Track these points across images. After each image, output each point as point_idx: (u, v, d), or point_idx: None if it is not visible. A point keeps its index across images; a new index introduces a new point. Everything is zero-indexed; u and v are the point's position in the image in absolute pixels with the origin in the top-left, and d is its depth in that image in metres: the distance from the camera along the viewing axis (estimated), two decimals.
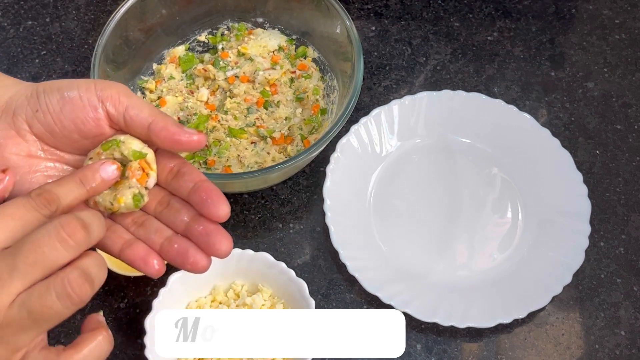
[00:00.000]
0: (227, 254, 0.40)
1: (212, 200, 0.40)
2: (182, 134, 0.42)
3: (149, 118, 0.42)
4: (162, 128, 0.42)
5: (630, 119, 0.71)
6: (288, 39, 0.72)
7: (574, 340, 0.59)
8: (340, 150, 0.64)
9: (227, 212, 0.40)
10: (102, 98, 0.42)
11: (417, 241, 0.64)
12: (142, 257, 0.41)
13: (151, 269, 0.40)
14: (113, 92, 0.42)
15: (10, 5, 0.79)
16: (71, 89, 0.42)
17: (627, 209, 0.66)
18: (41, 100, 0.42)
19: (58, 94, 0.42)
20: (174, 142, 0.42)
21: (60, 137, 0.43)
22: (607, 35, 0.77)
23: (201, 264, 0.40)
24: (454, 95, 0.68)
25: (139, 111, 0.42)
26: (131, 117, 0.42)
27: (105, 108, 0.42)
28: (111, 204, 0.43)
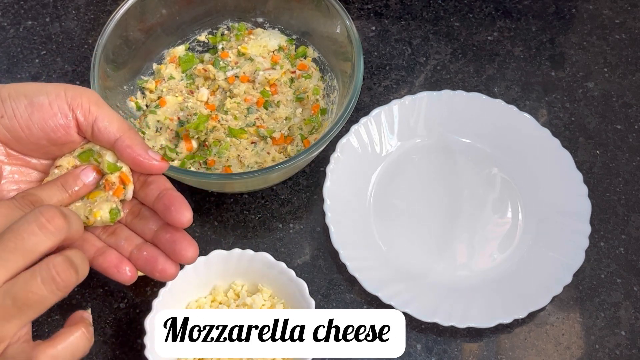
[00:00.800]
0: (193, 260, 0.41)
1: (175, 207, 0.41)
2: (145, 157, 0.42)
3: (116, 133, 0.42)
4: (127, 147, 0.42)
5: (630, 119, 0.71)
6: (288, 39, 0.72)
7: (574, 341, 0.59)
8: (340, 150, 0.64)
9: (190, 218, 0.41)
10: (73, 106, 0.41)
11: (417, 241, 0.64)
12: (115, 264, 0.41)
13: (123, 276, 0.41)
14: (84, 101, 0.42)
15: (10, 5, 0.79)
16: (40, 95, 0.41)
17: (627, 209, 0.66)
18: (7, 105, 0.41)
19: (26, 100, 0.41)
20: (136, 163, 0.42)
21: (27, 143, 0.42)
22: (607, 35, 0.77)
23: (169, 271, 0.41)
24: (454, 95, 0.68)
25: (108, 125, 0.42)
26: (99, 129, 0.42)
27: (75, 116, 0.42)
28: (87, 217, 0.42)
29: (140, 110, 0.67)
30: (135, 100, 0.67)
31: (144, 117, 0.66)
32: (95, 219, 0.42)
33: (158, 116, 0.66)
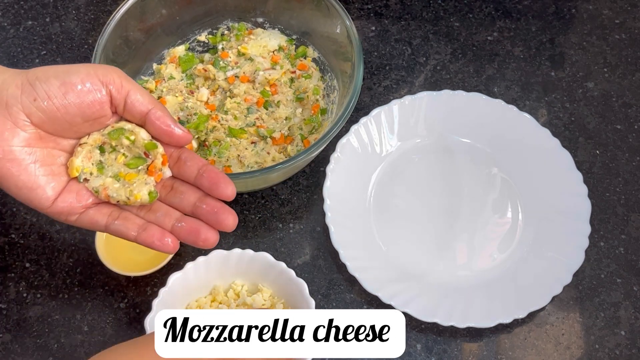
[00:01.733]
0: (234, 226, 0.45)
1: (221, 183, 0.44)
2: (176, 127, 0.45)
3: (148, 105, 0.44)
4: (159, 117, 0.44)
5: (630, 119, 0.71)
6: (288, 39, 0.72)
7: (574, 340, 0.59)
8: (340, 150, 0.64)
9: (234, 191, 0.44)
10: (105, 82, 0.43)
11: (417, 241, 0.64)
12: (158, 237, 0.44)
13: (167, 247, 0.44)
14: (115, 77, 0.43)
15: (10, 5, 0.79)
16: (71, 75, 0.42)
17: (627, 209, 0.66)
18: (38, 88, 0.42)
19: (57, 81, 0.42)
20: (166, 134, 0.45)
21: (62, 122, 0.43)
22: (607, 35, 0.77)
23: (212, 239, 0.44)
24: (454, 95, 0.68)
25: (141, 97, 0.44)
26: (132, 102, 0.44)
27: (109, 91, 0.43)
28: (127, 198, 0.45)
29: None
30: None
31: None
32: (136, 200, 0.45)
33: None
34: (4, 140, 0.42)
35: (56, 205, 0.44)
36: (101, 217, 0.45)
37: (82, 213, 0.45)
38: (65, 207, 0.44)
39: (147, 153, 0.46)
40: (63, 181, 0.45)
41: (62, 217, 0.45)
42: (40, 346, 0.59)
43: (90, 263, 0.62)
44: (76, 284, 0.61)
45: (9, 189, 0.43)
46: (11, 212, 0.65)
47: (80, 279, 0.62)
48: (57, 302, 0.60)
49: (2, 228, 0.64)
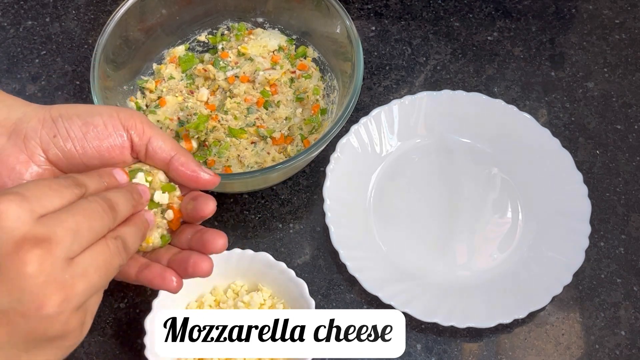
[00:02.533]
0: (223, 248, 0.43)
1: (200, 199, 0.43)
2: (201, 173, 0.43)
3: (171, 152, 0.43)
4: (182, 164, 0.43)
5: (630, 119, 0.71)
6: (288, 39, 0.72)
7: (574, 340, 0.59)
8: (340, 150, 0.64)
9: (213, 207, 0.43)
10: (127, 126, 0.42)
11: (417, 241, 0.64)
12: (159, 274, 0.42)
13: (170, 284, 0.42)
14: (137, 122, 0.42)
15: (10, 5, 0.79)
16: (93, 116, 0.41)
17: (627, 209, 0.66)
18: (60, 125, 0.41)
19: (79, 120, 0.41)
20: (191, 180, 0.43)
21: (78, 164, 0.42)
22: (607, 35, 0.77)
23: (200, 265, 0.42)
24: (454, 95, 0.68)
25: (162, 143, 0.43)
26: (154, 148, 0.43)
27: (130, 136, 0.42)
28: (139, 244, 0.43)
29: (140, 110, 0.67)
30: (135, 100, 0.67)
31: None
32: (147, 245, 0.44)
33: (158, 116, 0.66)
34: (16, 173, 0.40)
35: None
36: None
37: None
38: None
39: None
40: None
41: None
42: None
43: None
44: None
45: None
46: None
47: None
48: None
49: None
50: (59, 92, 0.72)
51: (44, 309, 0.32)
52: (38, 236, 0.32)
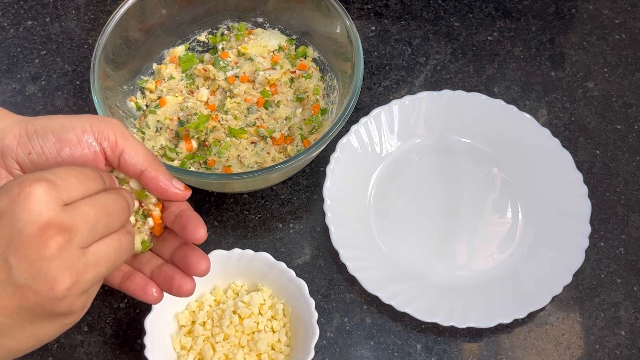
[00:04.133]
0: (206, 272, 0.44)
1: (191, 225, 0.43)
2: (170, 187, 0.44)
3: (142, 165, 0.44)
4: (153, 178, 0.44)
5: (630, 119, 0.71)
6: (288, 38, 0.72)
7: (574, 340, 0.59)
8: (340, 150, 0.64)
9: (204, 234, 0.43)
10: (100, 139, 0.43)
11: (417, 241, 0.64)
12: (141, 286, 0.44)
13: (150, 297, 0.44)
14: (110, 134, 0.43)
15: (10, 5, 0.79)
16: (67, 131, 0.42)
17: (627, 209, 0.66)
18: (34, 142, 0.42)
19: (53, 137, 0.42)
20: (161, 193, 0.44)
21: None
22: (607, 35, 0.77)
23: (184, 287, 0.44)
24: (454, 95, 0.68)
25: (134, 156, 0.43)
26: (126, 161, 0.43)
27: (103, 149, 0.43)
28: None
29: (140, 110, 0.67)
30: (135, 100, 0.67)
31: (144, 117, 0.66)
32: None
33: (158, 116, 0.66)
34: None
35: None
36: None
37: None
38: None
39: (140, 202, 0.45)
40: None
41: None
42: (40, 346, 0.58)
43: None
44: None
45: None
46: None
47: None
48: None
49: None
50: (59, 92, 0.73)
51: (54, 290, 0.35)
52: (61, 224, 0.35)
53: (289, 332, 0.57)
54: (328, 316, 0.60)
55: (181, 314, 0.58)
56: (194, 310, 0.58)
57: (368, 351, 0.59)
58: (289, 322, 0.58)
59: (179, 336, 0.57)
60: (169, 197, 0.44)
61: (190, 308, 0.59)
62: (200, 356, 0.56)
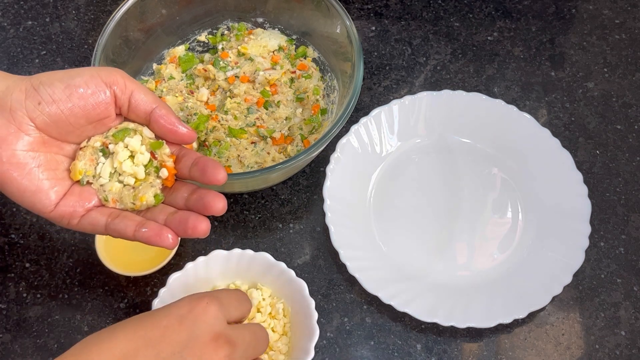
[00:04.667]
0: (223, 210, 0.44)
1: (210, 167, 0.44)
2: (180, 126, 0.45)
3: (152, 104, 0.45)
4: (163, 115, 0.45)
5: (630, 119, 0.71)
6: (288, 39, 0.72)
7: (574, 340, 0.59)
8: (340, 150, 0.64)
9: (224, 175, 0.44)
10: (109, 83, 0.43)
11: (417, 241, 0.64)
12: (156, 232, 0.44)
13: (166, 241, 0.44)
14: (118, 77, 0.44)
15: (10, 5, 0.79)
16: (75, 77, 0.43)
17: (627, 209, 0.66)
18: (42, 92, 0.42)
19: (61, 84, 0.42)
20: (171, 132, 0.45)
21: (66, 125, 0.43)
22: (607, 35, 0.77)
23: (200, 227, 0.44)
24: (454, 95, 0.68)
25: (144, 96, 0.45)
26: (136, 101, 0.44)
27: (113, 91, 0.44)
28: (133, 203, 0.45)
29: None
30: None
31: None
32: (141, 203, 0.45)
33: None
34: (8, 144, 0.42)
35: (59, 209, 0.44)
36: (102, 217, 0.45)
37: (84, 216, 0.45)
38: (67, 211, 0.44)
39: (154, 153, 0.46)
40: (66, 185, 0.45)
41: (65, 221, 0.45)
42: (40, 346, 0.59)
43: (90, 263, 0.62)
44: (76, 284, 0.61)
45: (12, 194, 0.43)
46: (11, 212, 0.65)
47: (80, 279, 0.62)
48: (57, 302, 0.60)
49: (2, 228, 0.64)
50: None
51: None
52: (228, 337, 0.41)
53: (289, 332, 0.57)
54: (328, 316, 0.60)
55: None
56: None
57: (368, 351, 0.59)
58: (289, 322, 0.58)
59: None
60: (177, 136, 0.45)
61: None
62: None
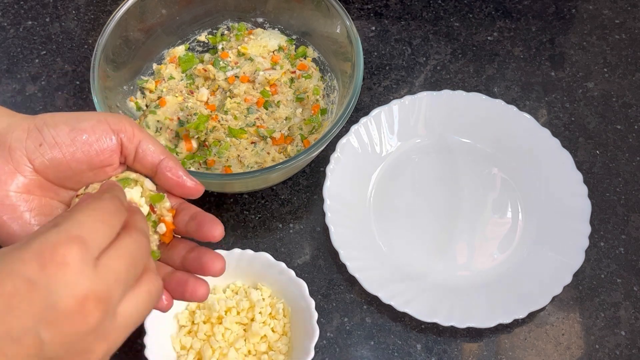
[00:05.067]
0: (221, 271, 0.41)
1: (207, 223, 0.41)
2: (188, 179, 0.43)
3: (160, 155, 0.42)
4: (171, 168, 0.42)
5: (630, 119, 0.71)
6: (288, 39, 0.72)
7: (574, 341, 0.59)
8: (340, 150, 0.64)
9: (221, 231, 0.41)
10: (117, 130, 0.41)
11: (417, 241, 0.64)
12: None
13: (160, 304, 0.41)
14: (127, 125, 0.42)
15: (10, 5, 0.79)
16: (82, 121, 0.41)
17: (627, 209, 0.66)
18: (46, 133, 0.40)
19: (67, 127, 0.40)
20: (178, 185, 0.43)
21: (66, 170, 0.41)
22: (607, 35, 0.77)
23: (199, 292, 0.41)
24: (454, 95, 0.68)
25: (152, 146, 0.42)
26: (144, 150, 0.42)
27: (120, 139, 0.42)
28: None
29: (140, 110, 0.67)
30: (135, 100, 0.67)
31: (143, 117, 0.66)
32: None
33: (158, 116, 0.66)
34: (1, 184, 0.39)
35: None
36: None
37: None
38: None
39: (153, 207, 0.43)
40: None
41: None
42: None
43: None
44: None
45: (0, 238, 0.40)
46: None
47: None
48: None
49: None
50: (59, 92, 0.73)
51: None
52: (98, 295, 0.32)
53: (289, 332, 0.57)
54: (328, 316, 0.60)
55: (181, 314, 0.58)
56: (193, 310, 0.58)
57: (368, 351, 0.59)
58: (289, 322, 0.58)
59: (179, 336, 0.57)
60: (184, 190, 0.43)
61: (190, 308, 0.59)
62: (199, 356, 0.56)
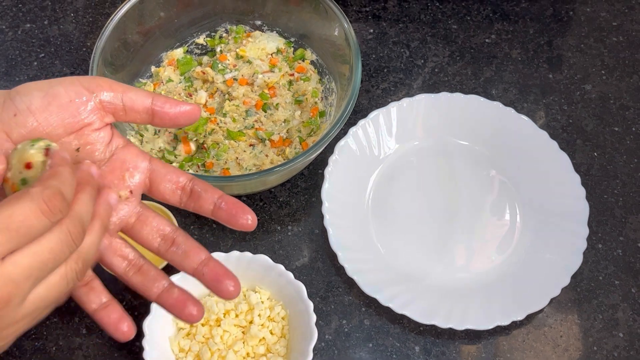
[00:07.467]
0: (236, 294, 0.42)
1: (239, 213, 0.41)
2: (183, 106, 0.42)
3: (147, 97, 0.42)
4: (164, 102, 0.42)
5: (627, 121, 0.71)
6: (286, 41, 0.72)
7: (572, 342, 0.59)
8: (339, 153, 0.64)
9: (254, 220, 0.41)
10: (91, 88, 0.40)
11: (416, 243, 0.64)
12: (114, 320, 0.41)
13: (120, 333, 0.41)
14: (101, 82, 0.41)
15: (9, 8, 0.79)
16: (54, 86, 0.40)
17: (625, 211, 0.66)
18: (18, 102, 0.39)
19: (40, 92, 0.39)
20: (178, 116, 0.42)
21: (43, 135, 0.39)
22: (604, 38, 0.77)
23: (196, 316, 0.41)
24: (452, 98, 0.68)
25: (136, 94, 0.41)
26: (131, 99, 0.41)
27: (99, 99, 0.40)
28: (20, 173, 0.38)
29: None
30: None
31: None
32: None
33: None
34: None
35: None
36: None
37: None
38: None
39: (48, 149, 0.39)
40: None
41: None
42: (39, 349, 0.58)
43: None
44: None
45: None
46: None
47: None
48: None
49: None
50: None
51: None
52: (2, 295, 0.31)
53: (288, 335, 0.57)
54: (326, 318, 0.60)
55: None
56: None
57: (366, 353, 0.59)
58: (287, 325, 0.58)
59: (177, 338, 0.57)
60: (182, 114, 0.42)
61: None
62: (197, 358, 0.56)
